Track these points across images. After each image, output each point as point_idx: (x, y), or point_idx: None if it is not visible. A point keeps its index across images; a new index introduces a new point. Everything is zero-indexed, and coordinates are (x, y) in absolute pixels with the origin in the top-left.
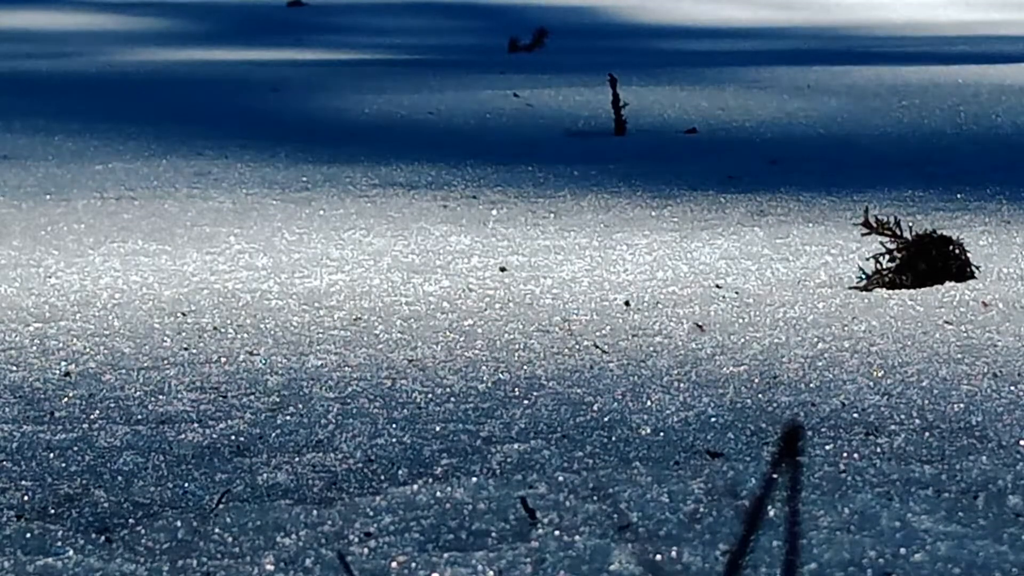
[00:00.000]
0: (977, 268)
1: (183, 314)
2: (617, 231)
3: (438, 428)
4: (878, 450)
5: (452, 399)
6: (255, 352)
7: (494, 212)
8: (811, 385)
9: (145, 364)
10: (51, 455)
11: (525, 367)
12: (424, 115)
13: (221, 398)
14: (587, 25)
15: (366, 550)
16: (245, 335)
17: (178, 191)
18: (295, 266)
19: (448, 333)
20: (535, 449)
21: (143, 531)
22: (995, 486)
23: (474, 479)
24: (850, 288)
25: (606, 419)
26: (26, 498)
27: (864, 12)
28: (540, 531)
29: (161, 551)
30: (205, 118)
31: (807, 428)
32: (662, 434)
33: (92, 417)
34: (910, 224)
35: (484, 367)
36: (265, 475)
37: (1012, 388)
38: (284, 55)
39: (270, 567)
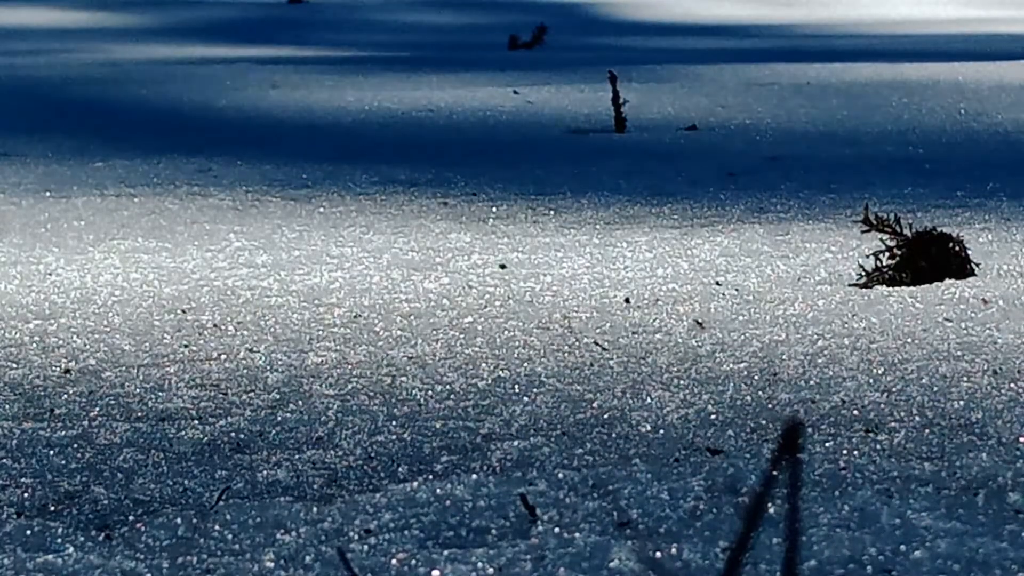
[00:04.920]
0: (977, 265)
1: (183, 311)
2: (617, 228)
3: (438, 425)
4: (878, 447)
5: (452, 396)
6: (255, 349)
7: (494, 209)
8: (811, 382)
9: (145, 361)
10: (51, 452)
11: (525, 364)
12: (424, 112)
13: (221, 395)
14: (587, 22)
15: (366, 547)
16: (245, 332)
17: (178, 188)
18: (295, 263)
19: (448, 330)
20: (535, 446)
21: (143, 528)
22: (995, 483)
23: (474, 476)
24: (850, 285)
25: (606, 416)
26: (26, 495)
27: (864, 9)
28: (540, 528)
29: (161, 548)
30: (205, 115)
31: (807, 425)
32: (662, 431)
33: (92, 414)
34: (910, 221)
35: (484, 364)
36: (265, 472)
37: (1012, 385)
38: (284, 52)
39: (270, 564)
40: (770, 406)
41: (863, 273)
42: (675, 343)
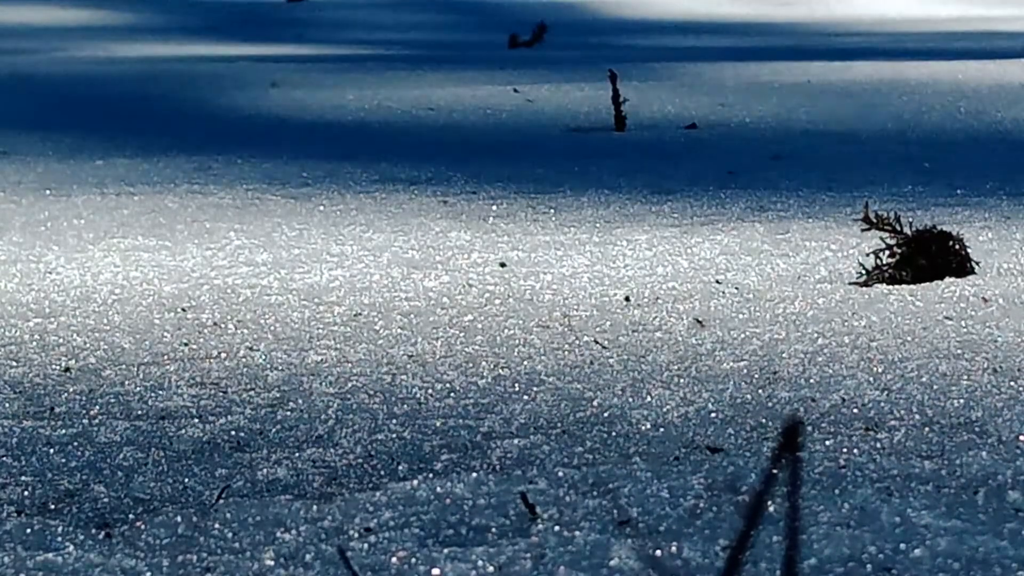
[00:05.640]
0: (977, 264)
1: (183, 310)
2: (617, 227)
3: (438, 424)
4: (878, 445)
5: (452, 395)
6: (255, 348)
7: (494, 208)
8: (811, 381)
9: (145, 360)
10: (51, 451)
11: (525, 363)
12: (424, 111)
13: (221, 393)
14: (587, 21)
15: (366, 545)
16: (245, 331)
17: (178, 187)
18: (295, 262)
19: (448, 329)
20: (535, 444)
21: (143, 526)
22: (995, 481)
23: (474, 474)
24: (850, 284)
25: (606, 415)
26: (26, 493)
27: (864, 7)
28: (540, 526)
29: (161, 546)
30: (205, 114)
31: (807, 424)
32: (662, 429)
33: (92, 413)
34: (910, 220)
35: (484, 363)
36: (265, 470)
37: (1012, 383)
38: (284, 50)
39: (270, 562)
40: (770, 404)
41: (863, 271)
42: (675, 341)
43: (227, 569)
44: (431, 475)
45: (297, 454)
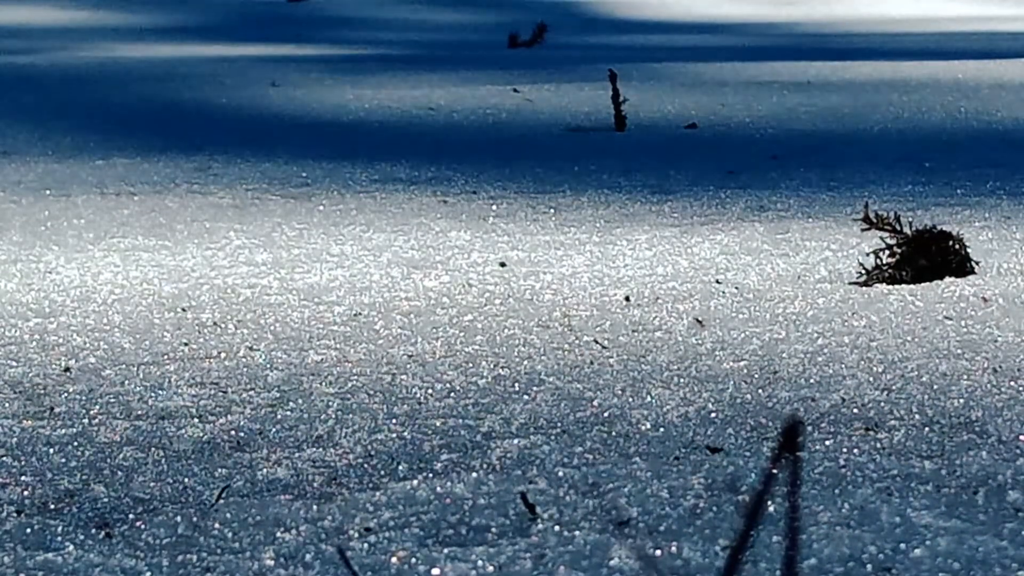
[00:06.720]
0: (977, 263)
1: (183, 310)
2: (617, 226)
3: (438, 423)
4: (878, 445)
5: (452, 394)
6: (255, 347)
7: (494, 207)
8: (811, 381)
9: (145, 359)
10: (51, 450)
11: (525, 362)
12: (424, 110)
13: (221, 393)
14: (587, 21)
15: (366, 545)
16: (245, 331)
17: (178, 187)
18: (295, 262)
19: (448, 328)
20: (535, 444)
21: (143, 526)
22: (995, 481)
23: (474, 474)
24: (850, 283)
25: (606, 414)
26: (26, 493)
27: (864, 7)
28: (540, 526)
29: (161, 546)
30: (205, 113)
31: (807, 423)
32: (662, 429)
33: (92, 412)
34: (910, 219)
35: (484, 362)
36: (265, 470)
37: (1012, 383)
38: (284, 50)
39: (270, 562)
40: (770, 404)
41: (863, 271)
42: (675, 341)
43: (227, 569)
44: (431, 475)
45: (297, 454)
